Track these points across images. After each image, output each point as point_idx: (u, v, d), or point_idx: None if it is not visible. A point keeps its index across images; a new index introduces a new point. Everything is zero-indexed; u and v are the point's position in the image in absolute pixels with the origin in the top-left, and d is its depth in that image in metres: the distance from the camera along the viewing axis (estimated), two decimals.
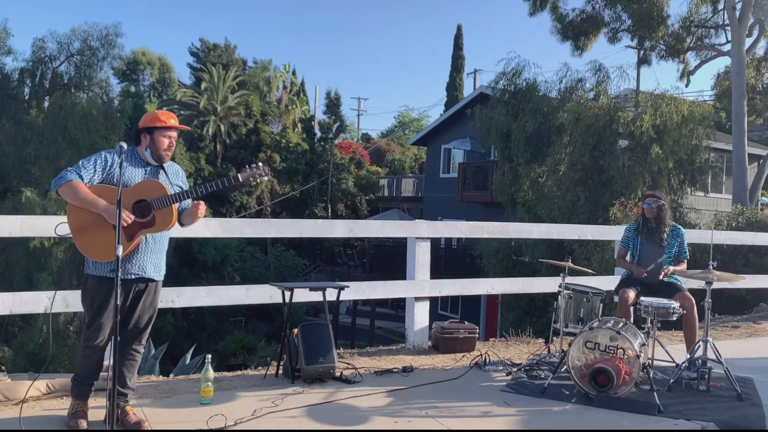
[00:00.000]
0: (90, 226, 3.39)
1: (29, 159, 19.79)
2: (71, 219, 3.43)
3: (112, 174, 3.47)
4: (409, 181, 33.34)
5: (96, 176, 3.45)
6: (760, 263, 11.14)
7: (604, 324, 4.57)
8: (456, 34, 38.16)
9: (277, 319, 21.66)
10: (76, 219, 3.42)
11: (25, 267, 16.85)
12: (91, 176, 3.43)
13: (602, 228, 8.77)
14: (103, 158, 3.49)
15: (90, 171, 3.44)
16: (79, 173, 3.41)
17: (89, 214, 3.38)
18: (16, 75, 22.98)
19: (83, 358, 3.52)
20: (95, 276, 3.45)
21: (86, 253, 3.43)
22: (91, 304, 3.46)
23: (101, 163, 3.47)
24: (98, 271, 3.44)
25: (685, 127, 14.98)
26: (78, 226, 3.41)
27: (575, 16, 19.65)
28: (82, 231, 3.41)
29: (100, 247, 3.39)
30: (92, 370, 3.55)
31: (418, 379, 4.78)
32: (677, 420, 4.07)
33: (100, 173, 3.46)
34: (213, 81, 32.08)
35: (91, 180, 3.43)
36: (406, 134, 46.83)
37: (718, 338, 6.70)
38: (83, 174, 3.41)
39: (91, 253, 3.42)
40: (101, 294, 3.42)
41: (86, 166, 3.44)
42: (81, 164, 3.46)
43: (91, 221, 3.38)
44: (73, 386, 3.58)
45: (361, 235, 7.56)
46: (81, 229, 3.41)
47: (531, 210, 15.99)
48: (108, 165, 3.48)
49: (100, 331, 3.43)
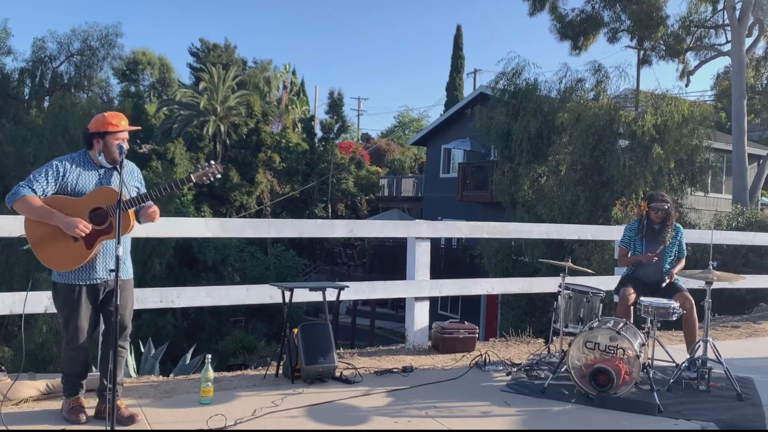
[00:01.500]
0: (49, 237, 3.42)
1: (29, 159, 19.82)
2: (30, 232, 3.45)
3: (65, 183, 3.47)
4: (409, 181, 33.32)
5: (49, 188, 3.44)
6: (760, 263, 11.14)
7: (604, 324, 4.57)
8: (456, 34, 38.21)
9: (277, 319, 21.65)
10: (34, 232, 3.44)
11: (25, 267, 16.84)
12: (44, 188, 3.43)
13: (602, 228, 8.77)
14: (55, 168, 3.47)
15: (42, 183, 3.43)
16: (31, 187, 3.40)
17: (47, 227, 3.40)
18: (16, 75, 23.01)
19: (69, 359, 3.61)
20: (62, 283, 3.52)
21: (48, 264, 3.47)
22: (63, 310, 3.53)
23: (53, 173, 3.46)
24: (64, 279, 3.51)
25: (686, 127, 15.00)
26: (37, 239, 3.44)
27: (575, 16, 19.66)
28: (42, 243, 3.44)
29: (61, 258, 3.44)
30: (80, 369, 3.64)
31: (418, 379, 4.78)
32: (677, 420, 4.07)
33: (53, 184, 3.45)
34: (213, 81, 32.07)
35: (45, 192, 3.43)
36: (406, 134, 46.83)
37: (718, 338, 6.70)
38: (35, 187, 3.41)
39: (53, 264, 3.47)
40: (71, 300, 3.50)
41: (38, 179, 3.43)
42: (32, 177, 3.45)
43: (50, 233, 3.41)
44: (63, 385, 3.67)
45: (361, 235, 7.57)
46: (41, 242, 3.44)
47: (531, 210, 15.99)
48: (60, 175, 3.47)
49: (79, 334, 3.51)
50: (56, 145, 19.94)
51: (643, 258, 5.29)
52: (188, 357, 9.46)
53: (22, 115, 21.71)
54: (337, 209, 32.19)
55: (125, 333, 3.65)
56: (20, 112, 21.95)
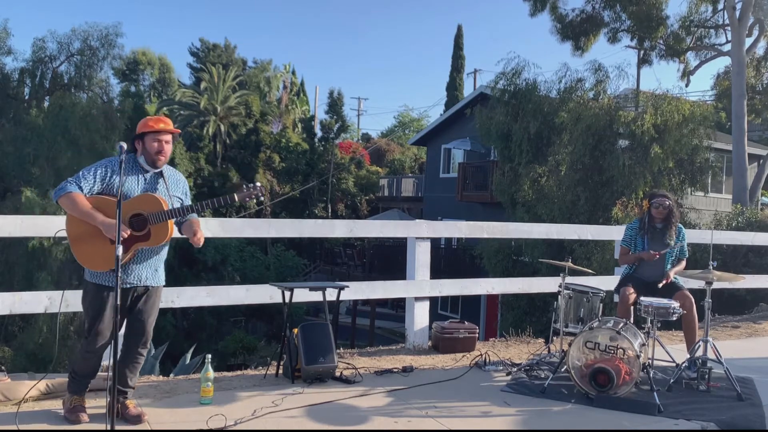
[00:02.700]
0: (88, 236, 3.45)
1: (29, 159, 19.82)
2: (70, 228, 3.50)
3: (111, 184, 3.51)
4: (409, 181, 33.31)
5: (96, 186, 3.49)
6: (760, 263, 11.13)
7: (604, 324, 4.57)
8: (456, 34, 38.20)
9: (277, 319, 21.65)
10: (74, 228, 3.48)
11: (25, 267, 16.87)
12: (90, 187, 3.48)
13: (602, 228, 8.77)
14: (104, 168, 3.53)
15: (90, 181, 3.48)
16: (78, 184, 3.45)
17: (87, 225, 3.44)
18: (16, 75, 22.99)
19: (83, 360, 3.59)
20: (94, 283, 3.52)
21: (83, 262, 3.51)
22: (89, 310, 3.53)
23: (101, 173, 3.51)
24: (97, 279, 3.51)
25: (686, 127, 15.00)
26: (76, 236, 3.48)
27: (575, 16, 19.65)
28: (79, 241, 3.48)
29: (96, 259, 3.46)
30: (91, 370, 3.64)
31: (418, 379, 4.78)
32: (677, 420, 4.07)
33: (100, 184, 3.50)
34: (213, 81, 32.08)
35: (91, 190, 3.48)
36: (406, 134, 46.81)
37: (718, 338, 6.70)
38: (83, 185, 3.46)
39: (88, 263, 3.50)
40: (99, 301, 3.49)
41: (86, 177, 3.48)
42: (81, 174, 3.50)
43: (89, 232, 3.44)
44: (70, 382, 3.64)
45: (361, 235, 7.57)
46: (79, 239, 3.48)
47: (531, 210, 15.99)
48: (108, 175, 3.52)
49: (100, 337, 3.50)
50: (56, 145, 19.94)
51: (644, 255, 5.25)
52: (188, 357, 9.48)
53: (22, 115, 21.69)
54: (337, 209, 32.19)
55: (144, 339, 3.65)
56: (20, 112, 21.94)
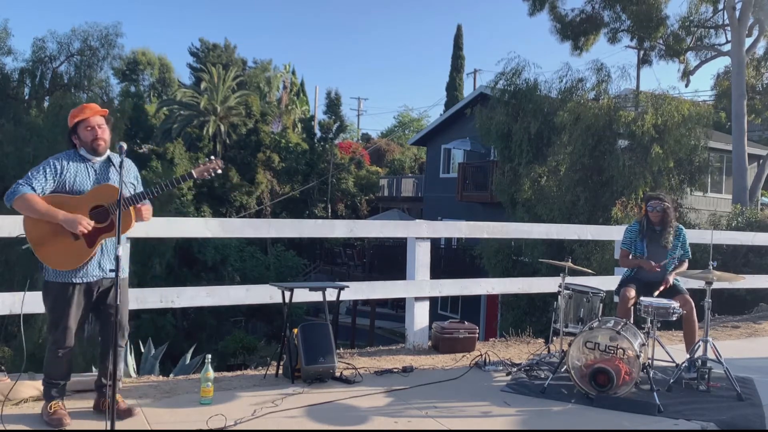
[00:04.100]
0: (49, 236, 3.40)
1: (29, 159, 19.81)
2: (29, 230, 3.43)
3: (63, 180, 3.47)
4: (409, 181, 33.32)
5: (48, 185, 3.45)
6: (760, 263, 11.13)
7: (604, 324, 4.56)
8: (456, 34, 38.23)
9: (277, 319, 21.64)
10: (34, 231, 3.42)
11: (25, 267, 16.83)
12: (43, 186, 3.43)
13: (602, 228, 8.76)
14: (52, 166, 3.47)
15: (41, 180, 3.43)
16: (30, 185, 3.40)
17: (47, 225, 3.39)
18: (16, 75, 23.02)
19: (53, 360, 3.52)
20: (56, 282, 3.47)
21: (48, 263, 3.45)
22: (53, 309, 3.49)
23: (51, 171, 3.46)
24: (60, 278, 3.47)
25: (685, 127, 15.00)
26: (37, 238, 3.42)
27: (574, 16, 19.66)
28: (41, 242, 3.42)
29: (62, 257, 3.42)
30: (66, 371, 3.58)
31: (418, 379, 4.78)
32: (677, 420, 4.07)
33: (51, 181, 3.45)
34: (213, 81, 32.08)
35: (44, 190, 3.43)
36: (406, 134, 46.81)
37: (718, 338, 6.69)
38: (35, 185, 3.41)
39: (54, 263, 3.45)
40: (62, 299, 3.45)
41: (36, 177, 3.43)
42: (30, 175, 3.44)
43: (50, 231, 3.40)
44: (45, 389, 3.56)
45: (361, 235, 7.56)
46: (40, 241, 3.42)
47: (531, 210, 15.99)
48: (58, 172, 3.47)
49: (67, 333, 3.46)
50: (56, 145, 19.91)
51: (646, 265, 5.26)
52: (188, 357, 9.45)
53: (22, 115, 21.71)
54: (337, 209, 32.18)
55: (122, 331, 3.64)
56: (20, 112, 21.96)
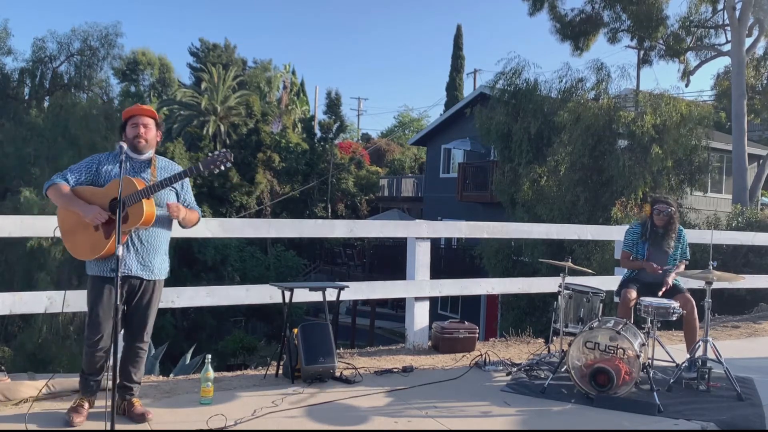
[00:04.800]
0: (75, 227, 3.49)
1: (29, 159, 19.82)
2: (60, 221, 3.55)
3: (99, 175, 3.54)
4: (409, 181, 33.31)
5: (82, 178, 3.54)
6: (760, 263, 11.13)
7: (604, 324, 4.57)
8: (456, 34, 38.22)
9: (277, 319, 21.64)
10: (63, 221, 3.54)
11: (24, 267, 16.85)
12: (77, 178, 3.54)
13: (602, 228, 8.76)
14: (91, 159, 3.59)
15: (76, 173, 3.55)
16: (64, 176, 3.52)
17: (74, 216, 3.47)
18: (16, 75, 23.01)
19: (86, 355, 3.61)
20: (91, 275, 3.57)
21: (72, 252, 3.53)
22: (89, 303, 3.57)
23: (87, 165, 3.58)
24: (93, 271, 3.56)
25: (684, 127, 15.00)
26: (66, 228, 3.53)
27: (574, 16, 19.65)
28: (68, 232, 3.52)
29: (83, 247, 3.49)
30: (96, 367, 3.61)
31: (418, 379, 4.78)
32: (677, 420, 4.07)
33: (86, 174, 3.55)
34: (213, 81, 32.09)
35: (78, 181, 3.53)
36: (406, 134, 46.81)
37: (718, 338, 6.69)
38: (69, 177, 3.52)
39: (77, 253, 3.52)
40: (94, 292, 3.53)
41: (73, 170, 3.57)
42: (70, 168, 3.58)
43: (76, 222, 3.48)
44: (80, 381, 3.69)
45: (361, 235, 7.56)
46: (68, 231, 3.52)
47: (531, 210, 15.99)
48: (95, 167, 3.56)
49: (97, 328, 3.52)
50: (56, 145, 19.93)
51: (648, 267, 5.25)
52: (188, 357, 9.48)
53: (22, 115, 21.70)
54: (337, 209, 32.17)
55: (141, 334, 3.65)
56: (20, 112, 21.94)
